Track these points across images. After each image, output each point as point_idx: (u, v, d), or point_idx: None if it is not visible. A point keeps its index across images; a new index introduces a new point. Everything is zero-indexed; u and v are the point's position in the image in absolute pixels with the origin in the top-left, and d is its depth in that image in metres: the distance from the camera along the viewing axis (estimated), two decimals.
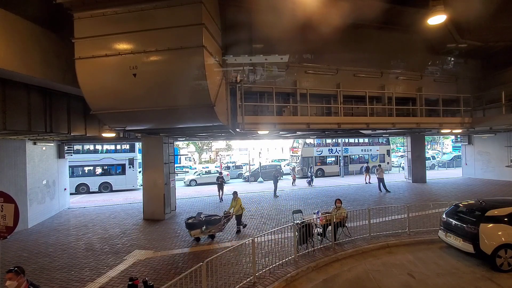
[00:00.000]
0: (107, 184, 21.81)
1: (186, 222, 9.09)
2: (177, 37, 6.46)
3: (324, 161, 27.84)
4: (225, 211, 10.11)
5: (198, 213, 9.59)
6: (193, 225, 8.95)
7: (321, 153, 27.73)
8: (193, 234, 8.96)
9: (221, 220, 9.33)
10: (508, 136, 18.67)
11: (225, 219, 9.55)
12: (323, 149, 27.77)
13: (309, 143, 27.62)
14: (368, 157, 29.13)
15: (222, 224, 9.35)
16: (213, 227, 9.10)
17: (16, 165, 10.96)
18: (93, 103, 7.30)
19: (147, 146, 12.52)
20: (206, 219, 9.14)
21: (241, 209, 9.99)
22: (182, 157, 44.95)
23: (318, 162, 27.47)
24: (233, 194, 10.39)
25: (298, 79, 10.45)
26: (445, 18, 8.15)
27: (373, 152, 29.32)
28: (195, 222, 9.01)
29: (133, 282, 5.32)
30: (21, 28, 6.50)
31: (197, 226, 8.95)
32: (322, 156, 27.75)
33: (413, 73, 12.12)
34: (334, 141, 27.96)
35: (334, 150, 28.02)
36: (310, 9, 7.67)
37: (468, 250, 6.80)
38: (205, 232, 9.02)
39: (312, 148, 27.47)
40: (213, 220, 9.20)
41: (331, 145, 28.19)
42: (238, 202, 9.95)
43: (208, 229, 9.02)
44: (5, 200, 4.92)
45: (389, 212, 10.53)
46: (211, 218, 9.28)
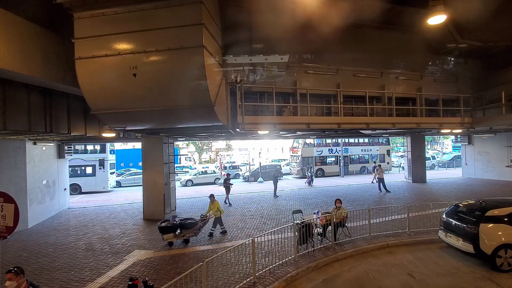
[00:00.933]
0: (76, 186, 21.17)
1: (159, 226, 8.79)
2: (177, 37, 6.46)
3: (324, 161, 27.77)
4: (202, 215, 9.88)
5: (173, 216, 9.29)
6: (166, 229, 8.67)
7: (321, 153, 27.67)
8: (165, 239, 8.68)
9: (197, 223, 9.09)
10: (508, 136, 18.67)
11: (201, 222, 9.31)
12: (323, 149, 27.71)
13: (309, 143, 27.57)
14: (368, 157, 29.10)
15: (197, 228, 9.10)
16: (187, 231, 8.83)
17: (16, 165, 10.96)
18: (93, 103, 7.30)
19: (147, 146, 12.51)
20: (181, 223, 8.84)
21: (219, 211, 9.76)
22: (182, 157, 44.94)
23: (318, 162, 27.39)
24: (210, 197, 10.14)
25: (298, 79, 10.45)
26: (445, 18, 8.15)
27: (373, 152, 29.28)
28: (168, 226, 8.71)
29: (133, 282, 5.32)
30: (21, 28, 6.50)
31: (171, 230, 8.66)
32: (322, 156, 27.69)
33: (413, 73, 12.12)
34: (334, 141, 27.93)
35: (334, 150, 27.96)
36: (310, 9, 7.68)
37: (468, 250, 6.80)
38: (179, 236, 8.73)
39: (312, 148, 27.42)
40: (188, 224, 8.93)
41: (331, 145, 28.15)
42: (215, 205, 9.76)
43: (182, 233, 8.75)
44: (5, 200, 4.92)
45: (389, 212, 10.53)
46: (186, 221, 8.99)
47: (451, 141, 42.45)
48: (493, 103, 12.54)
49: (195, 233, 9.11)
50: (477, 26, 10.65)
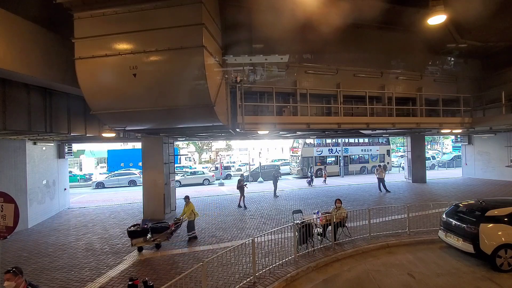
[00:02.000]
0: None
1: (128, 230, 8.38)
2: (177, 37, 6.46)
3: (324, 161, 27.73)
4: (175, 218, 9.56)
5: (143, 220, 8.86)
6: (136, 234, 8.26)
7: (321, 153, 27.71)
8: (134, 243, 8.25)
9: (168, 227, 8.66)
10: (508, 136, 18.67)
11: (174, 226, 8.95)
12: (323, 149, 27.75)
13: (309, 143, 27.58)
14: (368, 157, 29.09)
15: (170, 232, 8.68)
16: (159, 235, 8.43)
17: (16, 165, 10.96)
18: (93, 103, 7.30)
19: (147, 146, 12.50)
20: (152, 227, 8.53)
21: (193, 214, 9.41)
22: (182, 157, 44.95)
23: (318, 162, 27.35)
24: (185, 198, 9.79)
25: (298, 79, 10.45)
26: (445, 18, 8.14)
27: (373, 152, 29.28)
28: (137, 230, 8.32)
29: (133, 282, 5.32)
30: (21, 28, 6.50)
31: (140, 235, 8.28)
32: (322, 156, 27.72)
33: (413, 73, 12.11)
34: (334, 141, 27.92)
35: (334, 150, 28.00)
36: (310, 9, 7.68)
37: (468, 250, 6.80)
38: (149, 241, 8.36)
39: (312, 148, 27.44)
40: (160, 228, 8.55)
41: (331, 145, 28.16)
42: (189, 207, 9.39)
43: (153, 237, 8.38)
44: (5, 200, 4.92)
45: (389, 212, 10.53)
46: (157, 225, 8.65)
47: (451, 141, 42.46)
48: (493, 103, 12.54)
49: (167, 238, 8.68)
50: (477, 26, 10.65)
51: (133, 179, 26.15)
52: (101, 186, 25.18)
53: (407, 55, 11.82)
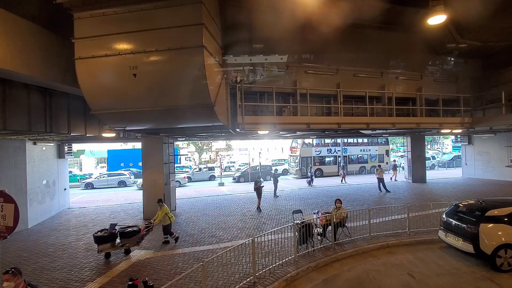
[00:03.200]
0: None
1: (94, 235, 7.95)
2: (177, 37, 6.46)
3: (323, 161, 27.71)
4: (147, 222, 9.11)
5: (111, 224, 8.37)
6: (103, 239, 7.80)
7: (320, 153, 27.61)
8: (100, 250, 7.81)
9: (139, 232, 8.26)
10: (508, 136, 18.67)
11: (145, 230, 8.52)
12: (322, 149, 27.64)
13: (307, 143, 27.46)
14: (367, 157, 29.08)
15: (140, 236, 8.30)
16: (128, 240, 8.01)
17: (16, 165, 10.96)
18: (93, 103, 7.30)
19: (147, 146, 12.51)
20: (121, 231, 8.10)
21: (168, 218, 8.95)
22: (182, 157, 44.95)
23: (317, 162, 27.27)
24: (158, 202, 9.19)
25: (298, 79, 10.45)
26: (445, 18, 8.14)
27: (372, 152, 29.19)
28: (104, 236, 7.87)
29: (133, 282, 5.33)
30: (21, 28, 6.50)
31: (108, 240, 7.84)
32: (321, 156, 27.64)
33: (413, 73, 12.12)
34: (333, 141, 27.86)
35: (333, 150, 27.96)
36: (310, 9, 7.68)
37: (468, 250, 6.80)
38: (118, 246, 7.94)
39: (311, 148, 27.31)
40: (130, 232, 8.11)
41: (330, 145, 28.10)
42: (163, 210, 8.91)
43: (122, 242, 7.96)
44: (5, 200, 4.92)
45: (389, 212, 10.53)
46: (126, 229, 8.20)
47: (451, 141, 42.47)
48: (493, 103, 12.54)
49: (137, 242, 8.30)
50: (477, 26, 10.65)
51: (122, 180, 25.91)
52: (90, 187, 24.91)
53: (407, 55, 11.82)
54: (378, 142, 29.50)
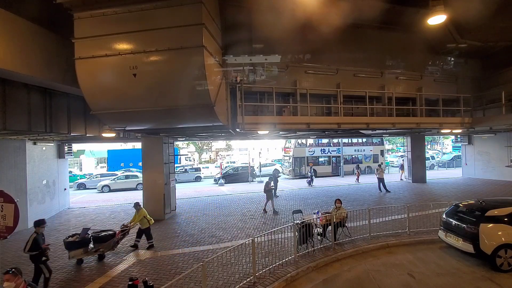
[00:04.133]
0: None
1: (65, 241, 7.49)
2: (177, 37, 6.46)
3: (317, 161, 27.29)
4: (123, 225, 8.80)
5: (84, 229, 7.93)
6: (75, 245, 7.36)
7: (313, 153, 27.22)
8: (72, 256, 7.39)
9: (114, 236, 7.98)
10: (508, 136, 18.67)
11: (120, 234, 8.22)
12: (315, 149, 27.29)
13: (301, 143, 27.00)
14: (361, 157, 28.74)
15: (115, 241, 7.99)
16: (102, 245, 7.68)
17: (16, 165, 10.96)
18: (93, 103, 7.30)
19: (147, 146, 12.51)
20: (94, 236, 7.75)
21: (147, 221, 8.69)
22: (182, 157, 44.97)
23: (310, 162, 26.74)
24: (135, 205, 9.01)
25: (298, 79, 10.45)
26: (445, 18, 8.15)
27: (367, 153, 28.82)
28: (76, 241, 7.45)
29: (133, 282, 5.33)
30: (21, 28, 6.50)
31: (80, 245, 7.43)
32: (314, 157, 27.29)
33: (413, 73, 12.12)
34: (327, 141, 27.48)
35: (327, 150, 27.59)
36: (310, 9, 7.68)
37: (468, 250, 6.80)
38: (91, 252, 7.56)
39: (304, 148, 26.91)
40: (104, 237, 7.79)
41: (324, 145, 27.74)
42: (141, 214, 8.71)
43: (95, 248, 7.61)
44: (5, 200, 4.93)
45: (389, 212, 10.53)
46: (99, 234, 7.89)
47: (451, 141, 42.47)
48: (493, 103, 12.54)
49: (112, 247, 7.97)
50: (477, 26, 10.65)
51: None
52: (83, 187, 24.82)
53: (407, 55, 11.82)
54: (373, 142, 29.11)
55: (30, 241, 5.92)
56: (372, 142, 29.10)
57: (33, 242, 5.91)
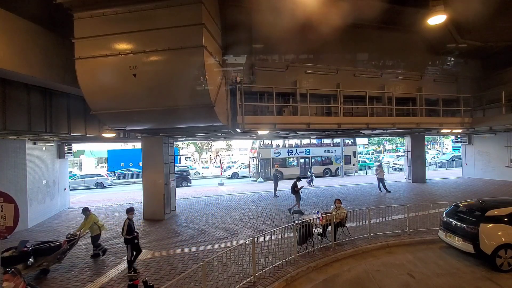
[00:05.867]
0: None
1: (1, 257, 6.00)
2: (177, 37, 6.46)
3: (284, 163, 25.99)
4: (69, 233, 7.96)
5: (22, 241, 6.79)
6: (13, 260, 6.24)
7: (280, 154, 25.98)
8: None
9: (60, 247, 7.13)
10: (508, 136, 18.67)
11: (67, 244, 7.35)
12: (282, 150, 26.08)
13: (266, 144, 25.98)
14: (332, 158, 27.55)
15: (61, 252, 7.14)
16: (46, 258, 6.79)
17: (16, 165, 10.95)
18: (93, 103, 7.30)
19: (147, 146, 12.51)
20: (35, 248, 6.75)
21: (98, 228, 8.10)
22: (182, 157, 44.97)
23: (276, 164, 25.46)
24: (84, 211, 8.25)
25: (298, 79, 10.45)
26: (445, 18, 8.16)
27: (338, 153, 27.52)
28: (13, 256, 6.42)
29: (133, 282, 5.33)
30: (21, 28, 6.50)
31: (19, 261, 6.41)
32: (281, 158, 26.00)
33: (413, 73, 12.12)
34: (296, 142, 26.46)
35: (295, 151, 26.43)
36: (310, 9, 7.68)
37: (468, 250, 6.80)
38: (33, 266, 6.63)
39: (270, 149, 25.71)
40: (47, 249, 6.85)
41: (292, 146, 26.64)
42: (90, 220, 7.99)
43: (38, 262, 6.67)
44: (5, 200, 4.92)
45: (389, 212, 10.53)
46: (42, 246, 6.90)
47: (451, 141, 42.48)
48: (493, 103, 12.54)
49: (58, 259, 7.09)
50: (477, 26, 10.65)
51: (100, 181, 25.39)
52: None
53: (407, 55, 11.82)
54: (344, 143, 27.89)
55: (125, 226, 6.92)
56: (344, 143, 27.84)
57: (128, 227, 6.89)
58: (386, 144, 56.26)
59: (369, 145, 57.15)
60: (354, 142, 28.82)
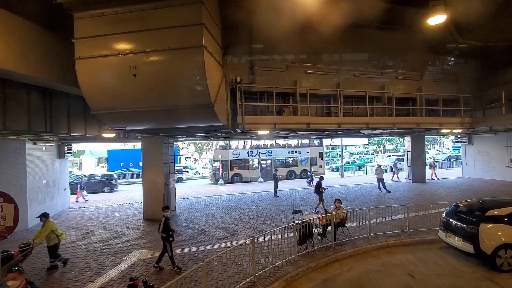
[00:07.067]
0: None
1: None
2: (177, 37, 6.46)
3: (242, 165, 24.77)
4: (23, 243, 6.93)
5: None
6: None
7: (238, 156, 24.73)
8: None
9: (11, 258, 6.40)
10: (508, 136, 18.67)
11: (20, 255, 6.62)
12: (240, 151, 24.91)
13: (223, 145, 24.93)
14: (296, 160, 26.25)
15: (14, 263, 6.21)
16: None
17: (16, 165, 10.95)
18: (93, 103, 7.30)
19: (147, 146, 12.51)
20: None
21: (56, 236, 7.31)
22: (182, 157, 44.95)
23: (235, 166, 24.37)
24: (41, 217, 7.48)
25: (298, 79, 10.45)
26: (445, 18, 8.16)
27: (303, 155, 26.28)
28: None
29: (133, 282, 5.32)
30: (21, 28, 6.50)
31: None
32: (240, 160, 24.76)
33: (413, 73, 12.13)
34: (256, 143, 25.44)
35: (255, 152, 25.15)
36: (310, 9, 7.68)
37: (468, 250, 6.80)
38: None
39: (227, 150, 24.59)
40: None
41: (252, 147, 25.52)
42: (47, 227, 7.20)
43: None
44: (5, 200, 4.93)
45: (389, 212, 10.53)
46: None
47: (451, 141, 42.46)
48: (493, 103, 12.54)
49: None
50: (477, 26, 10.65)
51: None
52: None
53: (407, 55, 11.83)
54: (310, 144, 26.78)
55: (161, 223, 7.16)
56: (309, 144, 26.89)
57: (164, 224, 7.12)
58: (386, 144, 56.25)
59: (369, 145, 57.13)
60: (320, 143, 27.59)
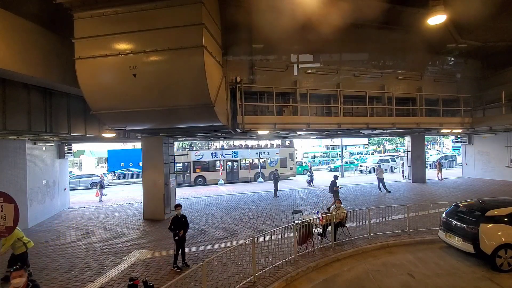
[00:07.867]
0: None
1: None
2: (177, 37, 6.46)
3: (206, 167, 23.73)
4: None
5: None
6: None
7: (202, 157, 23.72)
8: None
9: None
10: (508, 136, 18.67)
11: None
12: (204, 153, 23.99)
13: (185, 146, 24.29)
14: (264, 162, 25.06)
15: None
16: None
17: (16, 165, 10.95)
18: (93, 103, 7.30)
19: (147, 146, 12.51)
20: None
21: (23, 244, 6.40)
22: None
23: (197, 168, 23.47)
24: None
25: (298, 79, 10.45)
26: (445, 18, 8.15)
27: (272, 156, 25.09)
28: None
29: (133, 282, 5.32)
30: (21, 28, 6.50)
31: None
32: (204, 161, 23.72)
33: (413, 73, 12.13)
34: (221, 144, 24.98)
35: (219, 154, 24.14)
36: (310, 9, 7.68)
37: (468, 250, 6.80)
38: None
39: (190, 151, 23.69)
40: None
41: (217, 148, 24.87)
42: (12, 235, 5.92)
43: None
44: (5, 200, 4.91)
45: (389, 212, 10.53)
46: None
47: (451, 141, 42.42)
48: (493, 103, 12.55)
49: None
50: (477, 26, 10.66)
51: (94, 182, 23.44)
52: None
53: (407, 55, 11.83)
54: (280, 145, 25.91)
55: (170, 220, 7.41)
56: (279, 144, 26.07)
57: (171, 221, 7.36)
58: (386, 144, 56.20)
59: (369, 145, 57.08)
60: (291, 144, 26.70)
